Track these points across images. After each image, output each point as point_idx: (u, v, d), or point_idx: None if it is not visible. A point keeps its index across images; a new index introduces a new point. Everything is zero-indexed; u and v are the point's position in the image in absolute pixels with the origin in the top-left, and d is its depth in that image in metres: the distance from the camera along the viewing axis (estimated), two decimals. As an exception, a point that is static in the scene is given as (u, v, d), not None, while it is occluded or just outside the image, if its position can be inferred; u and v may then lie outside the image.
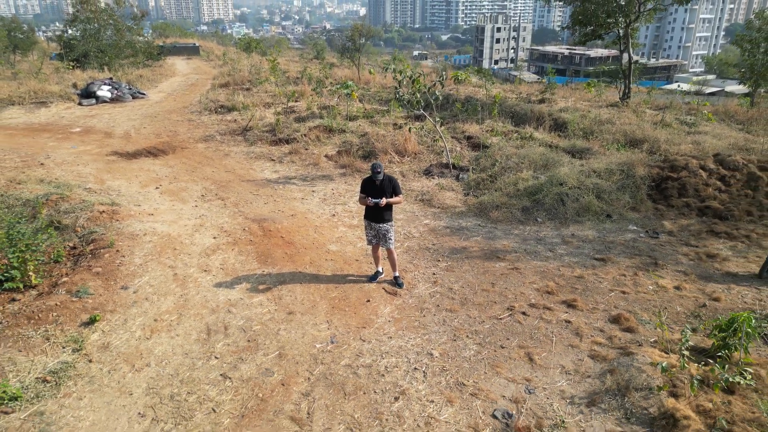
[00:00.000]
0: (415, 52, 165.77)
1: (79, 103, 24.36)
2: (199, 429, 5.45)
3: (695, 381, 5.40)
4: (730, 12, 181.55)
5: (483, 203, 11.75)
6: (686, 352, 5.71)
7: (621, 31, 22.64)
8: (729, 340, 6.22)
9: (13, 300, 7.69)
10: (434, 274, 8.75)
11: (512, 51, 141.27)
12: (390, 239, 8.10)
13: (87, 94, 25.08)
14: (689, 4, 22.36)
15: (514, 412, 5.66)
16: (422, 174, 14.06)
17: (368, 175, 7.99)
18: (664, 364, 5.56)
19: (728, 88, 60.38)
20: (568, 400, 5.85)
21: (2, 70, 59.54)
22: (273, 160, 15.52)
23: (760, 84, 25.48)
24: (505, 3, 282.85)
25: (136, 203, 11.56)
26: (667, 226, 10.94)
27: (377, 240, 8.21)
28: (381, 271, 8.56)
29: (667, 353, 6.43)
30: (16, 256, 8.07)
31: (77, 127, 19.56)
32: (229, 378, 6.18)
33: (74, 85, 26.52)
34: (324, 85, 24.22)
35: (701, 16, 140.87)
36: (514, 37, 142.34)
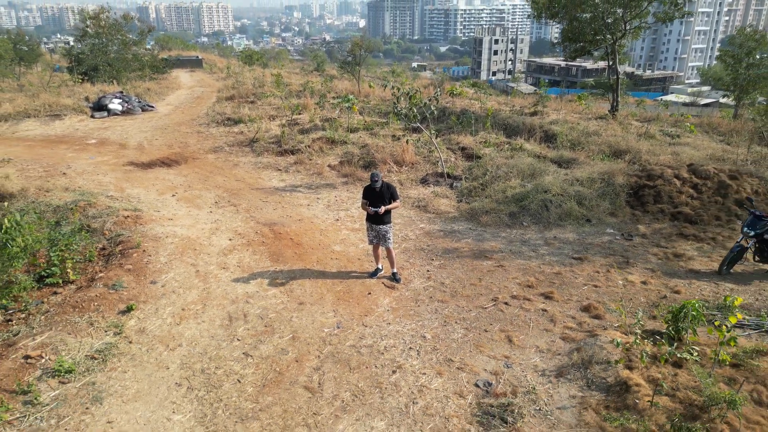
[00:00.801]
0: (414, 64, 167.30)
1: (92, 116, 25.46)
2: (227, 395, 6.47)
3: (645, 354, 6.42)
4: (726, 24, 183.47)
5: (474, 209, 12.82)
6: (638, 331, 6.74)
7: (609, 47, 23.85)
8: (680, 324, 7.24)
9: (55, 293, 8.73)
10: (428, 271, 9.80)
11: (510, 63, 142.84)
12: (389, 239, 9.15)
13: (99, 107, 26.18)
14: (683, 18, 23.52)
15: (493, 382, 6.69)
16: (419, 183, 15.12)
17: (369, 183, 9.05)
18: (619, 340, 6.59)
19: (723, 99, 61.53)
20: (539, 373, 6.88)
21: (9, 83, 60.69)
22: (279, 169, 16.59)
23: (742, 97, 26.67)
24: (503, 15, 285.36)
25: (155, 209, 12.61)
26: (642, 229, 11.99)
27: (377, 240, 9.25)
28: (381, 268, 9.60)
29: (626, 335, 7.45)
30: (57, 254, 9.13)
31: (92, 139, 20.64)
32: (251, 356, 7.20)
33: (86, 99, 27.62)
34: (326, 98, 25.33)
35: (697, 28, 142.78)
36: (511, 49, 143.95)
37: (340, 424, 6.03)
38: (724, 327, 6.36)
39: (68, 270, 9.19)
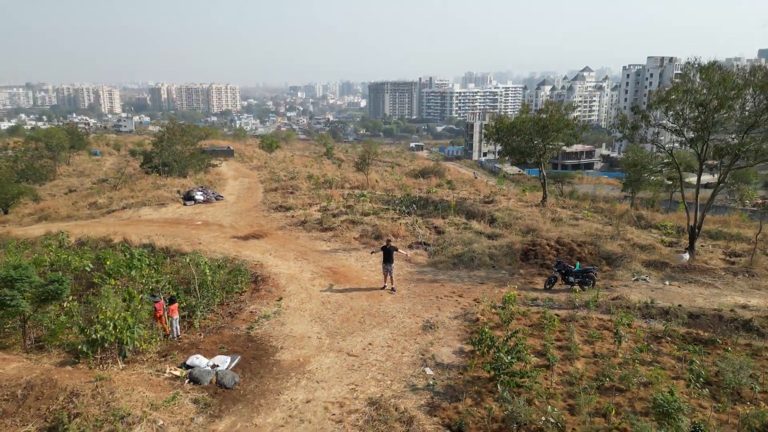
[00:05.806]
0: (412, 144, 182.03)
1: (184, 204, 36.83)
2: (330, 324, 17.36)
3: (485, 311, 17.37)
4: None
5: (435, 261, 23.93)
6: (486, 302, 17.71)
7: (537, 158, 35.69)
8: (506, 301, 18.18)
9: (240, 295, 19.70)
10: (408, 287, 20.79)
11: (499, 144, 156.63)
12: (391, 272, 20.24)
13: (188, 197, 37.63)
14: (579, 143, 35.37)
15: (430, 321, 17.61)
16: (407, 247, 26.26)
17: (384, 245, 20.23)
18: (476, 305, 17.58)
19: (687, 179, 73.33)
20: (448, 317, 17.82)
21: (65, 168, 73.49)
22: (324, 240, 27.75)
23: (635, 191, 38.36)
24: (497, 97, 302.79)
25: (266, 261, 23.71)
26: (521, 272, 23.04)
27: (386, 272, 20.33)
28: (386, 285, 20.60)
29: (486, 306, 18.40)
30: (238, 279, 20.19)
31: (198, 221, 31.95)
32: (335, 313, 18.15)
33: (178, 191, 39.18)
34: (350, 196, 36.93)
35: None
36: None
37: (373, 329, 16.93)
38: (513, 298, 17.40)
39: (243, 286, 20.22)
